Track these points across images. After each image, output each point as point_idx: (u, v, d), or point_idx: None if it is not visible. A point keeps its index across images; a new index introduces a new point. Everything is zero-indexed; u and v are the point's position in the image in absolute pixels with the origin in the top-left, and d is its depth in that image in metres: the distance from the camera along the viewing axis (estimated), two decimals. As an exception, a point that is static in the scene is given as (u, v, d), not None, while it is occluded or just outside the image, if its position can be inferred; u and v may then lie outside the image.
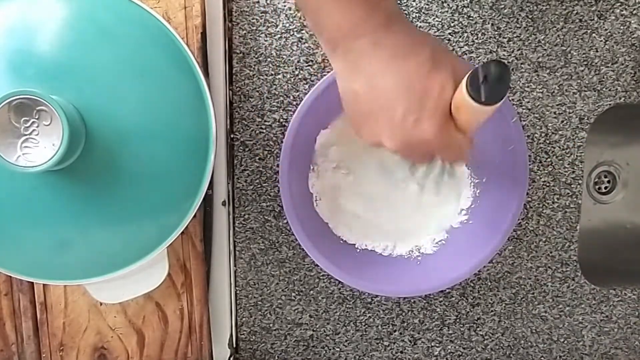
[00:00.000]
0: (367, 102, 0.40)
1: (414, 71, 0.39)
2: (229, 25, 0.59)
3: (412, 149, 0.41)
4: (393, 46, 0.39)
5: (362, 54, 0.39)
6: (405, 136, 0.40)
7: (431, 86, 0.39)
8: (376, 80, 0.39)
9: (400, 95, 0.39)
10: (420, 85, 0.39)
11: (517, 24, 0.59)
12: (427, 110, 0.39)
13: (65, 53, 0.44)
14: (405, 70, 0.39)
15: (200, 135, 0.47)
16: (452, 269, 0.58)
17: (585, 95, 0.61)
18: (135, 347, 0.60)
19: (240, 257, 0.62)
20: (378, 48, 0.39)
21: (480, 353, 0.65)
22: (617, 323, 0.65)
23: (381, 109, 0.40)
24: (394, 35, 0.39)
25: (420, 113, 0.39)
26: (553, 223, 0.62)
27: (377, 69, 0.39)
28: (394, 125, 0.39)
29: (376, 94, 0.39)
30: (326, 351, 0.64)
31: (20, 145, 0.39)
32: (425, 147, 0.40)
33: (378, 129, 0.40)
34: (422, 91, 0.39)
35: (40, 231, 0.45)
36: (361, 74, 0.40)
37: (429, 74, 0.39)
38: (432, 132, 0.39)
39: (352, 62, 0.40)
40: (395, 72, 0.39)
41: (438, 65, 0.39)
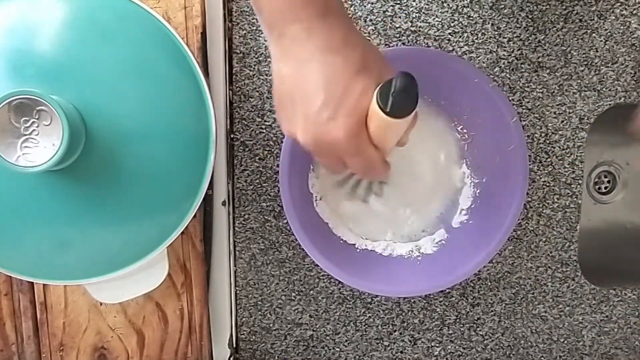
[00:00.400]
0: (290, 88, 0.40)
1: (340, 67, 0.39)
2: (229, 25, 0.59)
3: (322, 148, 0.40)
4: (325, 38, 0.39)
5: (295, 39, 0.39)
6: (317, 132, 0.39)
7: (353, 87, 0.38)
8: (303, 68, 0.39)
9: (321, 88, 0.38)
10: (343, 83, 0.38)
11: (517, 24, 0.59)
12: (344, 109, 0.38)
13: (65, 53, 0.44)
14: (332, 64, 0.39)
15: (200, 135, 0.47)
16: (452, 269, 0.58)
17: (585, 95, 0.61)
18: (135, 347, 0.60)
19: (240, 257, 0.62)
20: (311, 36, 0.39)
21: (480, 353, 0.65)
22: (617, 323, 0.65)
23: (300, 98, 0.39)
24: (329, 27, 0.39)
25: (336, 110, 0.38)
26: (553, 223, 0.62)
27: (305, 56, 0.39)
28: (308, 117, 0.39)
29: (299, 81, 0.39)
30: (326, 351, 0.64)
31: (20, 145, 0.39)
32: (335, 148, 0.40)
33: (295, 119, 0.40)
34: (344, 89, 0.38)
35: (40, 231, 0.45)
36: (291, 58, 0.40)
37: (355, 74, 0.39)
38: (343, 132, 0.39)
39: (285, 46, 0.40)
40: (322, 63, 0.39)
41: (365, 68, 0.39)
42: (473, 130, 0.59)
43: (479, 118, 0.58)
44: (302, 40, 0.39)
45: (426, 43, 0.59)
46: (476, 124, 0.59)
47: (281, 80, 0.41)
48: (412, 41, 0.59)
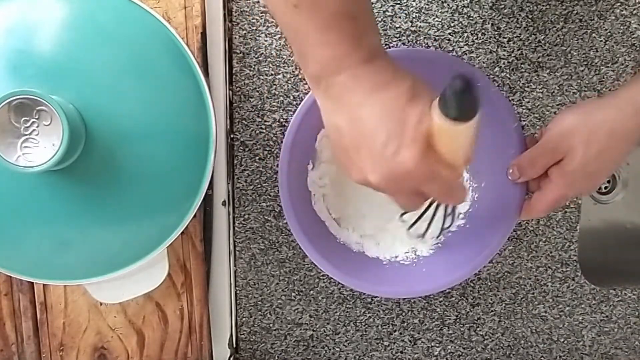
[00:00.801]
0: (349, 135, 0.40)
1: (393, 101, 0.39)
2: (229, 25, 0.59)
3: (396, 182, 0.40)
4: (374, 79, 0.39)
5: (344, 87, 0.39)
6: (387, 167, 0.39)
7: (409, 114, 0.39)
8: (357, 112, 0.39)
9: (379, 125, 0.39)
10: (399, 115, 0.39)
11: (517, 24, 0.59)
12: (406, 138, 0.38)
13: (65, 53, 0.44)
14: (384, 100, 0.39)
15: (200, 135, 0.47)
16: (448, 272, 0.58)
17: (585, 95, 0.61)
18: (135, 347, 0.60)
19: (240, 257, 0.62)
20: (359, 81, 0.39)
21: (480, 353, 0.65)
22: (617, 323, 0.65)
23: (363, 141, 0.39)
24: (375, 69, 0.39)
25: (399, 142, 0.38)
26: (553, 223, 0.62)
27: (358, 101, 0.39)
28: (375, 155, 0.39)
29: (357, 126, 0.39)
30: (326, 351, 0.64)
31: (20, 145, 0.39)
32: (408, 179, 0.39)
33: (362, 162, 0.40)
34: (401, 120, 0.39)
35: (40, 231, 0.45)
36: (343, 107, 0.40)
37: (408, 103, 0.39)
38: (412, 160, 0.39)
39: (335, 97, 0.40)
40: (375, 103, 0.39)
41: (417, 96, 0.39)
42: None
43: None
44: (351, 87, 0.39)
45: (426, 43, 0.59)
46: None
47: (339, 133, 0.41)
48: (412, 41, 0.59)
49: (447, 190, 0.42)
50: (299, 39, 0.39)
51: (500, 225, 0.58)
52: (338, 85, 0.39)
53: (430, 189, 0.41)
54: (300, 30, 0.38)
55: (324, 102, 0.41)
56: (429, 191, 0.41)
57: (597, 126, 0.49)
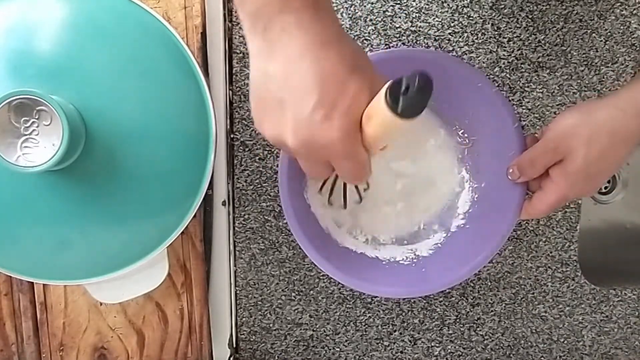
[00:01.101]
0: (277, 86, 0.37)
1: (334, 64, 0.36)
2: (229, 25, 0.59)
3: (313, 151, 0.37)
4: (318, 31, 0.36)
5: (284, 32, 0.36)
6: (309, 133, 0.36)
7: (349, 85, 0.36)
8: (293, 64, 0.36)
9: (315, 85, 0.35)
10: (338, 81, 0.36)
11: (517, 24, 0.59)
12: (340, 108, 0.36)
13: (65, 53, 0.44)
14: (325, 60, 0.36)
15: (200, 135, 0.47)
16: (448, 272, 0.58)
17: (585, 95, 0.61)
18: (135, 347, 0.60)
19: (240, 257, 0.62)
20: (302, 29, 0.36)
21: (480, 353, 0.65)
22: (617, 323, 0.65)
23: (291, 97, 0.36)
24: (321, 19, 0.36)
25: (331, 110, 0.36)
26: (553, 223, 0.62)
27: (296, 52, 0.36)
28: (300, 117, 0.36)
29: (290, 79, 0.36)
30: (326, 351, 0.64)
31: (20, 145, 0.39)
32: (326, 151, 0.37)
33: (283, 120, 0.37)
34: (339, 88, 0.36)
35: (40, 231, 0.45)
36: (279, 55, 0.36)
37: (350, 72, 0.36)
38: (338, 133, 0.36)
39: (271, 41, 0.36)
40: (315, 59, 0.36)
41: (359, 67, 0.37)
42: (474, 134, 0.59)
43: (480, 123, 0.58)
44: (291, 33, 0.36)
45: (426, 43, 0.59)
46: (477, 129, 0.59)
47: (266, 80, 0.37)
48: (412, 41, 0.59)
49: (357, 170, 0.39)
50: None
51: (500, 226, 0.58)
52: (277, 27, 0.36)
53: (341, 165, 0.39)
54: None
55: (256, 45, 0.37)
56: (338, 166, 0.39)
57: (599, 127, 0.48)
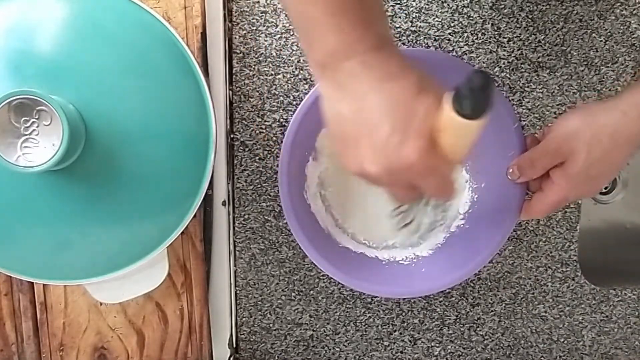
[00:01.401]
0: (352, 123, 0.39)
1: (400, 92, 0.38)
2: (229, 25, 0.59)
3: (396, 175, 0.39)
4: (382, 68, 0.39)
5: (351, 74, 0.39)
6: (389, 158, 0.39)
7: (417, 108, 0.38)
8: (362, 100, 0.39)
9: (385, 115, 0.38)
10: (406, 106, 0.38)
11: (517, 24, 0.59)
12: (413, 130, 0.38)
13: (65, 53, 0.44)
14: (392, 91, 0.38)
15: (200, 135, 0.47)
16: (448, 272, 0.58)
17: (585, 95, 0.61)
18: (135, 347, 0.60)
19: (240, 257, 0.62)
20: (367, 69, 0.38)
21: (480, 353, 0.65)
22: (617, 323, 0.65)
23: (366, 130, 0.39)
24: (384, 58, 0.39)
25: (404, 134, 0.38)
26: (553, 223, 0.62)
27: (364, 89, 0.39)
28: (377, 146, 0.39)
29: (361, 114, 0.39)
30: (326, 351, 0.64)
31: (20, 145, 0.39)
32: (408, 172, 0.39)
33: (361, 151, 0.39)
34: (408, 112, 0.38)
35: (40, 231, 0.45)
36: (348, 94, 0.39)
37: (416, 96, 0.38)
38: (416, 154, 0.38)
39: (340, 83, 0.39)
40: (381, 92, 0.38)
41: (425, 89, 0.39)
42: None
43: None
44: (358, 74, 0.38)
45: (426, 43, 0.59)
46: None
47: (340, 120, 0.40)
48: (412, 41, 0.59)
49: (442, 186, 0.41)
50: (307, 24, 0.39)
51: (500, 226, 0.58)
52: (345, 71, 0.39)
53: (426, 183, 0.41)
54: (309, 16, 0.38)
55: (328, 90, 0.40)
56: (425, 185, 0.41)
57: (601, 129, 0.48)
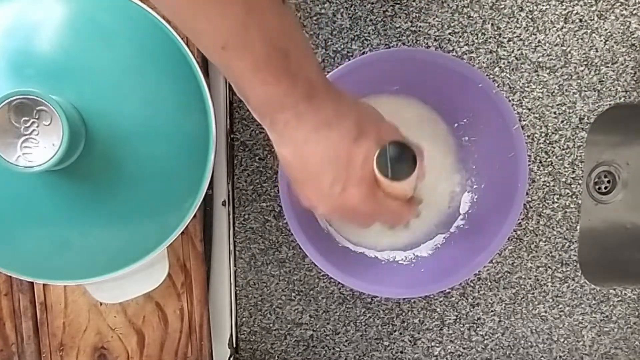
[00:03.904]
0: (297, 169, 0.41)
1: (338, 141, 0.39)
2: (229, 25, 0.59)
3: (346, 215, 0.42)
4: (317, 117, 0.39)
5: (287, 125, 0.39)
6: (335, 204, 0.41)
7: (355, 155, 0.39)
8: (302, 149, 0.40)
9: (325, 165, 0.40)
10: (344, 155, 0.39)
11: (517, 24, 0.59)
12: (352, 179, 0.40)
13: (65, 53, 0.44)
14: (328, 140, 0.39)
15: (200, 135, 0.47)
16: (448, 272, 0.58)
17: (585, 95, 0.61)
18: (135, 347, 0.60)
19: (240, 257, 0.62)
20: (302, 120, 0.39)
21: (480, 353, 0.65)
22: (617, 323, 0.65)
23: (309, 177, 0.41)
24: (317, 106, 0.39)
25: (345, 182, 0.40)
26: (553, 223, 0.62)
27: (301, 138, 0.39)
28: (322, 193, 0.41)
29: (303, 162, 0.40)
30: (326, 351, 0.64)
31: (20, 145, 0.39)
32: (356, 213, 0.41)
33: (310, 195, 0.42)
34: (347, 160, 0.39)
35: (40, 231, 0.45)
36: (289, 142, 0.40)
37: (353, 142, 0.39)
38: (358, 199, 0.40)
39: (279, 132, 0.40)
40: (319, 142, 0.39)
41: (362, 134, 0.40)
42: (474, 135, 0.59)
43: (480, 123, 0.58)
44: (294, 125, 0.39)
45: (426, 43, 0.59)
46: (477, 130, 0.59)
47: (287, 164, 0.42)
48: (412, 41, 0.59)
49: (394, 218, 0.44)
50: (236, 79, 0.38)
51: (500, 226, 0.58)
52: (281, 122, 0.39)
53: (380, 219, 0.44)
54: (234, 71, 0.37)
55: (270, 134, 0.41)
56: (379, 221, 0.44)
57: None
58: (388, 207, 0.42)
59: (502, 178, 0.58)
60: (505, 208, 0.58)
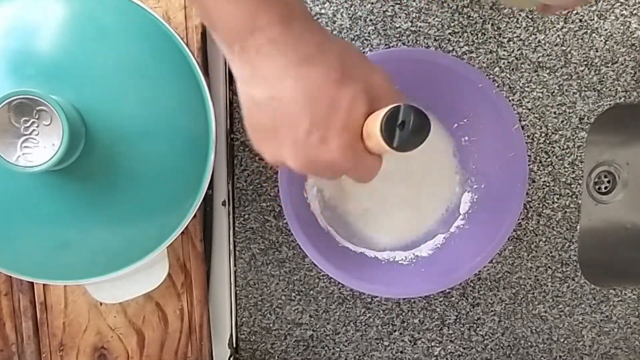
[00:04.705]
0: (267, 113, 0.35)
1: (320, 80, 0.34)
2: (229, 25, 0.59)
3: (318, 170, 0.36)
4: (296, 48, 0.34)
5: (259, 52, 0.34)
6: (310, 156, 0.35)
7: (339, 100, 0.34)
8: (277, 88, 0.34)
9: (304, 107, 0.34)
10: (327, 98, 0.34)
11: (517, 24, 0.59)
12: (334, 127, 0.34)
13: (65, 53, 0.44)
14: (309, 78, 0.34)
15: (200, 135, 0.47)
16: (448, 272, 0.58)
17: (585, 95, 0.61)
18: (135, 347, 0.60)
19: (240, 257, 0.62)
20: (278, 48, 0.33)
21: (480, 353, 0.65)
22: (617, 323, 0.65)
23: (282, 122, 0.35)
24: (296, 33, 0.34)
25: (326, 130, 0.34)
26: (553, 223, 0.62)
27: (277, 73, 0.34)
28: (296, 142, 0.35)
29: (277, 104, 0.34)
30: (326, 351, 0.64)
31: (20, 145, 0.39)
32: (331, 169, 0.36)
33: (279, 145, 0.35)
34: (329, 105, 0.34)
35: (40, 231, 0.45)
36: (261, 78, 0.34)
37: (338, 84, 0.34)
38: (339, 153, 0.35)
39: (249, 63, 0.34)
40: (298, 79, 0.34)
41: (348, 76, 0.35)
42: (474, 135, 0.59)
43: (480, 123, 0.58)
44: (268, 53, 0.34)
45: (426, 43, 0.59)
46: (477, 129, 0.59)
47: (254, 107, 0.36)
48: (412, 41, 0.59)
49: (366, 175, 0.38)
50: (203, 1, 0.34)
51: (500, 226, 0.58)
52: (252, 50, 0.34)
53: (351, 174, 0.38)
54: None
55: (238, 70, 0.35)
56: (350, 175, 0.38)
57: None
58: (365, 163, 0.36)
59: (502, 178, 0.58)
60: (505, 208, 0.58)
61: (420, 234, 0.61)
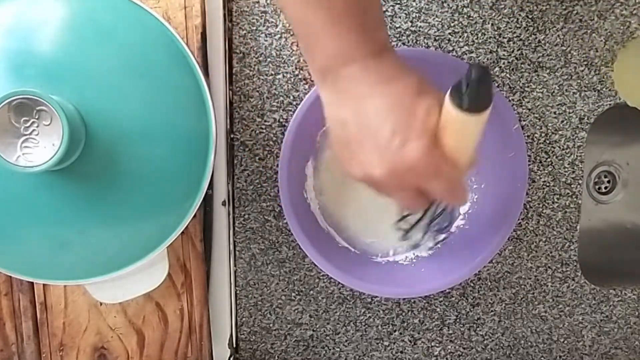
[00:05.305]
0: (354, 128, 0.40)
1: (399, 94, 0.39)
2: (229, 25, 0.59)
3: (400, 176, 0.39)
4: (381, 72, 0.39)
5: (352, 79, 0.39)
6: (392, 160, 0.39)
7: (417, 108, 0.39)
8: (364, 104, 0.39)
9: (385, 117, 0.39)
10: (405, 108, 0.39)
11: (517, 24, 0.59)
12: (414, 131, 0.38)
13: (65, 53, 0.44)
14: (391, 93, 0.39)
15: (200, 135, 0.47)
16: (448, 272, 0.58)
17: (585, 95, 0.61)
18: (135, 347, 0.60)
19: (240, 257, 0.62)
20: (368, 73, 0.39)
21: (480, 353, 0.65)
22: (617, 323, 0.65)
23: (368, 133, 0.39)
24: (383, 63, 0.39)
25: (406, 134, 0.38)
26: (553, 223, 0.62)
27: (365, 92, 0.39)
28: (380, 148, 0.39)
29: (363, 118, 0.39)
30: (326, 351, 0.64)
31: (20, 145, 0.39)
32: (412, 173, 0.39)
33: (365, 156, 0.40)
34: (408, 113, 0.39)
35: (40, 231, 0.45)
36: (349, 100, 0.40)
37: (415, 97, 0.39)
38: (418, 153, 0.38)
39: (341, 90, 0.40)
40: (381, 95, 0.39)
41: (424, 91, 0.39)
42: None
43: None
44: (358, 78, 0.39)
45: (426, 43, 0.59)
46: None
47: (343, 127, 0.40)
48: (412, 41, 0.59)
49: (450, 188, 0.41)
50: (308, 32, 0.39)
51: (500, 226, 0.58)
52: (346, 77, 0.39)
53: (433, 186, 0.41)
54: (310, 23, 0.38)
55: (328, 96, 0.41)
56: (432, 189, 0.41)
57: None
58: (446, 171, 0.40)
59: (502, 178, 0.58)
60: (505, 208, 0.58)
61: (415, 241, 0.61)
